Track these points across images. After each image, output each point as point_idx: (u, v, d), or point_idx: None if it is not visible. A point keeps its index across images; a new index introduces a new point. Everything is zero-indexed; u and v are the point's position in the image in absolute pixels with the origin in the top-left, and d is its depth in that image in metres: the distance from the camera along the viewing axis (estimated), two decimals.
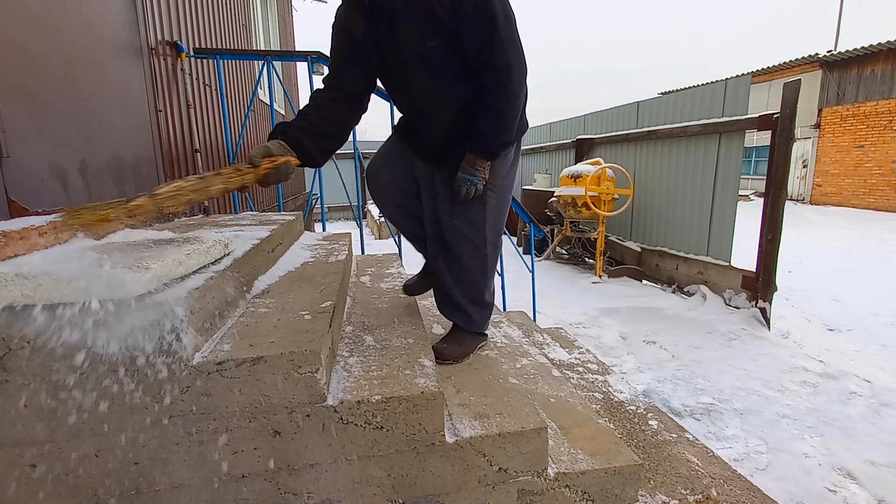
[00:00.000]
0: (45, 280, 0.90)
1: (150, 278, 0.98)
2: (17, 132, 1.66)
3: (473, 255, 1.52)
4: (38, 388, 0.95)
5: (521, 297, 4.43)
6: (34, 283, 0.90)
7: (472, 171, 1.40)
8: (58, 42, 1.95)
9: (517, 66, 1.29)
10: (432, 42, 1.27)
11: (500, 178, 1.49)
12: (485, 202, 1.48)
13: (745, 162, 16.12)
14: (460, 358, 1.62)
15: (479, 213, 1.49)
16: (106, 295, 0.93)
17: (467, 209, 1.48)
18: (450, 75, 1.35)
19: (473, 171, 1.40)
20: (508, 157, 1.51)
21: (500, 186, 1.50)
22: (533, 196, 7.63)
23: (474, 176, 1.40)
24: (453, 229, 1.50)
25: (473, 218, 1.49)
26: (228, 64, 4.55)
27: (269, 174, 1.21)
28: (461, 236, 1.50)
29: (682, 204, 5.52)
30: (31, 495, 1.00)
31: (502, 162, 1.48)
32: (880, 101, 12.19)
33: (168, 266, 1.05)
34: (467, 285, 1.58)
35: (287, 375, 1.05)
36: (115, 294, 0.93)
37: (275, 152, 1.24)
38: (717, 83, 5.06)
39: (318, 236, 2.55)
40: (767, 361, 3.46)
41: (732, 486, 1.59)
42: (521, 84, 1.33)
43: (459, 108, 1.40)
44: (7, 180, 1.61)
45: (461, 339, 1.67)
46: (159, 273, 1.01)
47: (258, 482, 1.09)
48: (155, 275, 0.99)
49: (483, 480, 1.23)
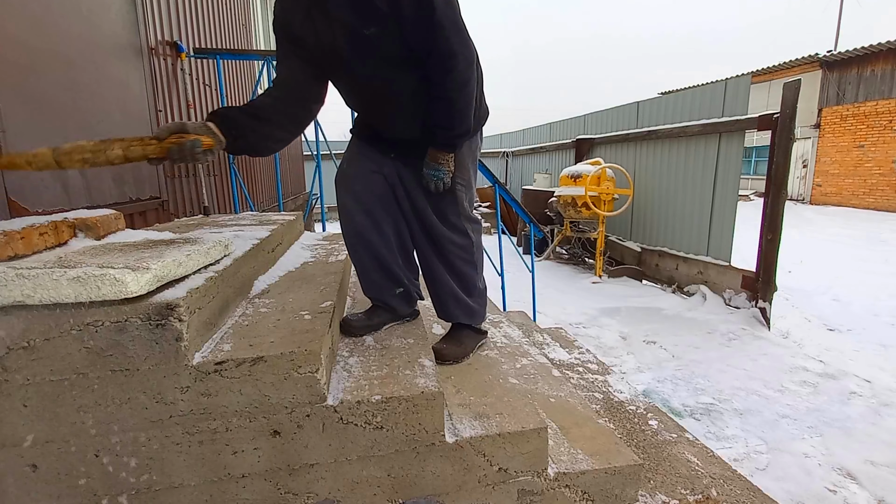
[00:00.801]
0: (46, 279, 0.90)
1: (150, 279, 0.98)
2: (17, 132, 1.66)
3: (458, 246, 1.53)
4: (38, 387, 0.95)
5: (521, 297, 4.42)
6: (34, 283, 0.90)
7: (436, 166, 1.38)
8: (58, 42, 1.95)
9: (462, 51, 1.26)
10: (370, 30, 1.23)
11: (466, 170, 1.49)
12: (455, 194, 1.48)
13: (745, 162, 16.12)
14: (460, 358, 1.61)
15: (452, 206, 1.49)
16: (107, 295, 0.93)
17: (441, 205, 1.48)
18: (393, 64, 1.30)
19: (437, 164, 1.38)
20: (472, 147, 1.50)
21: (467, 179, 1.50)
22: (533, 196, 7.63)
23: (439, 170, 1.38)
24: (433, 226, 1.49)
25: (448, 212, 1.49)
26: (228, 64, 4.55)
27: (172, 150, 1.13)
28: (442, 233, 1.50)
29: (682, 204, 5.52)
30: (31, 495, 1.00)
31: (466, 153, 1.47)
32: (880, 101, 12.18)
33: (168, 266, 1.05)
34: (459, 277, 1.58)
35: (287, 375, 1.05)
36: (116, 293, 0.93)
37: (189, 130, 1.15)
38: (717, 83, 5.07)
39: (318, 236, 2.55)
40: (767, 361, 3.46)
41: (732, 486, 1.59)
42: (470, 69, 1.29)
43: (409, 99, 1.35)
44: (7, 180, 1.61)
45: (461, 339, 1.66)
46: (159, 273, 1.01)
47: (258, 482, 1.09)
48: (155, 275, 0.99)
49: (483, 480, 1.23)
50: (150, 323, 0.96)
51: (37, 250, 1.08)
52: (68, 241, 1.20)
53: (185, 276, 1.12)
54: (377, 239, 1.51)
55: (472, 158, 1.52)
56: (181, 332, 0.97)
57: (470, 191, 1.54)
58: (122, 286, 0.93)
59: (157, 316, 0.96)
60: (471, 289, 1.62)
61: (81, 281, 0.91)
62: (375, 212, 1.49)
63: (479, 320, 1.69)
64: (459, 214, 1.51)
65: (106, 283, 0.92)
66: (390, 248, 1.54)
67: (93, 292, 0.92)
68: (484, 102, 1.48)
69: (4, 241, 0.99)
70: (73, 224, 1.24)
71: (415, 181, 1.46)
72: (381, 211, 1.49)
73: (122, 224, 1.45)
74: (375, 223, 1.49)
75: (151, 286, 0.99)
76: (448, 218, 1.49)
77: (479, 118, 1.46)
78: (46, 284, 0.90)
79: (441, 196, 1.45)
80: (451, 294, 1.59)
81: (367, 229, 1.50)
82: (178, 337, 0.97)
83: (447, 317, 1.66)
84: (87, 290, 0.92)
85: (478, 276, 1.63)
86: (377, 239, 1.51)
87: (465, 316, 1.64)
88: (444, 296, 1.61)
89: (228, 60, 4.38)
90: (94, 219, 1.31)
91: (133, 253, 1.12)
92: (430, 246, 1.54)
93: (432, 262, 1.57)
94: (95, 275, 0.92)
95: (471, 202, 1.57)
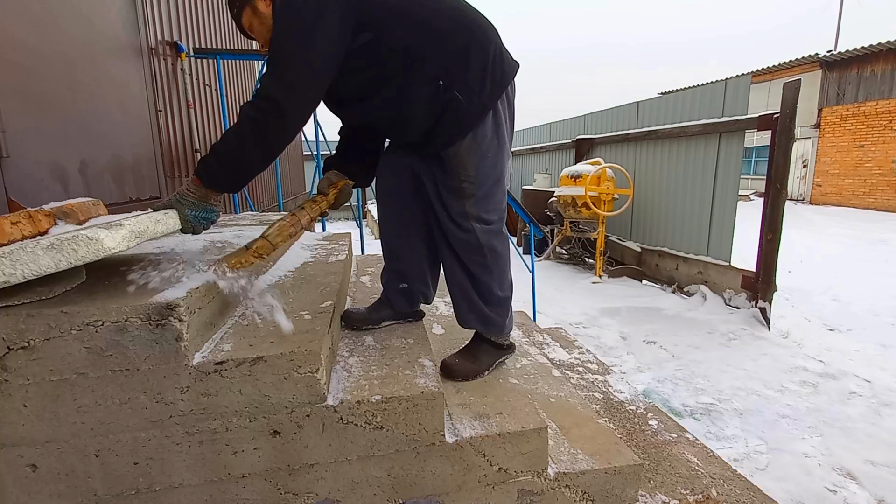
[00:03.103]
0: (21, 254, 0.89)
1: (126, 234, 0.97)
2: (17, 132, 1.66)
3: (466, 246, 1.41)
4: (38, 387, 0.95)
5: (521, 297, 4.41)
6: (12, 260, 0.88)
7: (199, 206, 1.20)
8: (58, 42, 1.95)
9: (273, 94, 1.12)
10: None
11: (471, 166, 1.33)
12: (462, 191, 1.35)
13: (745, 162, 16.12)
14: (472, 375, 1.48)
15: (457, 204, 1.37)
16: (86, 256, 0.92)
17: (448, 203, 1.38)
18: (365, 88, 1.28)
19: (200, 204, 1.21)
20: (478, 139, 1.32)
21: (476, 175, 1.34)
22: (533, 196, 7.62)
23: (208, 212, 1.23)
24: (442, 222, 1.42)
25: (453, 210, 1.38)
26: (228, 64, 4.55)
27: (338, 197, 1.45)
28: (449, 230, 1.41)
29: (682, 204, 5.52)
30: (31, 495, 1.00)
31: (470, 149, 1.31)
32: (880, 101, 12.18)
33: (144, 222, 1.03)
34: (473, 280, 1.45)
35: (287, 375, 1.05)
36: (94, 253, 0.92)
37: (335, 180, 1.44)
38: (717, 83, 5.06)
39: (318, 236, 2.55)
40: (767, 361, 3.46)
41: (732, 486, 1.59)
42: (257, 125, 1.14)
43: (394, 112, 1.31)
44: (7, 180, 1.61)
45: (476, 354, 1.52)
46: (135, 229, 1.00)
47: (258, 482, 1.09)
48: (131, 230, 0.98)
49: (483, 480, 1.23)
50: (150, 323, 0.96)
51: (13, 239, 1.03)
52: (48, 230, 1.14)
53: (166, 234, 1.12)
54: (388, 231, 1.57)
55: (480, 153, 1.32)
56: (181, 332, 0.97)
57: (481, 188, 1.36)
58: (97, 244, 0.92)
59: (157, 316, 0.96)
60: (486, 295, 1.46)
61: (56, 247, 0.90)
62: (390, 205, 1.55)
63: (497, 332, 1.51)
64: (466, 214, 1.37)
65: (81, 244, 0.91)
66: (404, 242, 1.55)
67: (71, 256, 0.91)
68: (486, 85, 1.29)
69: None
70: (51, 213, 1.19)
71: (430, 177, 1.40)
72: (394, 206, 1.54)
73: (102, 210, 1.42)
74: (388, 216, 1.56)
75: (130, 242, 0.98)
76: (452, 216, 1.39)
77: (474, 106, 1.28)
78: (24, 259, 0.89)
79: (448, 192, 1.37)
80: (463, 295, 1.48)
81: (383, 221, 1.58)
82: (178, 337, 0.97)
83: (460, 320, 1.54)
84: (65, 255, 0.91)
85: (494, 282, 1.46)
86: (388, 231, 1.57)
87: (478, 322, 1.50)
88: (455, 295, 1.51)
89: (228, 60, 4.38)
90: (71, 205, 1.27)
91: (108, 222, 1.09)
92: (444, 243, 1.47)
93: (445, 259, 1.49)
94: (68, 238, 0.91)
95: (486, 200, 1.38)
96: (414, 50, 1.22)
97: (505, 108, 1.37)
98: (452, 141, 1.31)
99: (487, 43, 1.28)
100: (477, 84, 1.27)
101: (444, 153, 1.33)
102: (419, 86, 1.25)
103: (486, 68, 1.28)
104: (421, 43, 1.23)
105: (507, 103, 1.38)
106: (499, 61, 1.31)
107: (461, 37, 1.25)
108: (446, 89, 1.25)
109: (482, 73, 1.27)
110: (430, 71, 1.24)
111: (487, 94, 1.29)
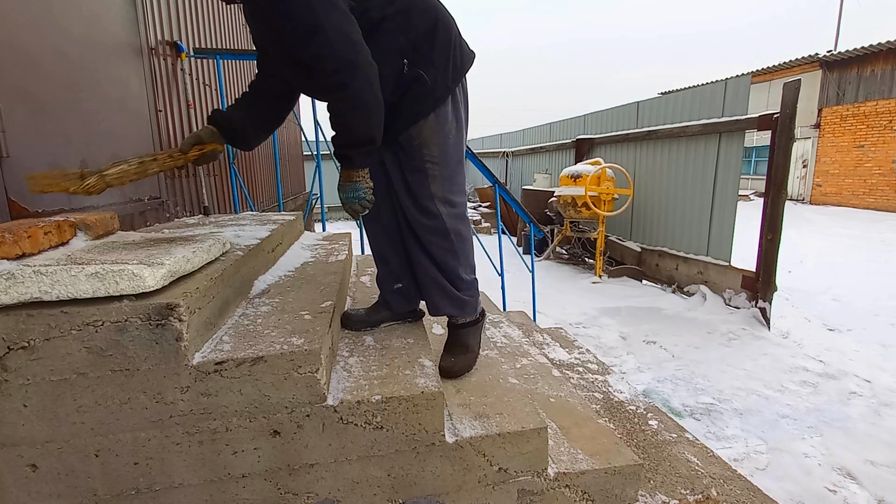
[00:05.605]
0: (63, 275, 0.92)
1: (165, 273, 1.01)
2: (17, 132, 1.66)
3: (431, 230, 1.40)
4: (38, 387, 0.95)
5: (521, 297, 4.42)
6: (52, 280, 0.92)
7: (344, 187, 1.27)
8: (58, 42, 1.95)
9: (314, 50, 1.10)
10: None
11: (435, 146, 1.33)
12: (425, 172, 1.35)
13: (745, 162, 16.12)
14: (473, 362, 1.53)
15: (422, 185, 1.36)
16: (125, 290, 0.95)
17: (413, 185, 1.37)
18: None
19: (344, 185, 1.27)
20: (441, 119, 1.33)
21: (439, 156, 1.35)
22: (533, 196, 7.63)
23: (347, 191, 1.27)
24: (407, 209, 1.40)
25: (418, 192, 1.37)
26: (228, 64, 4.55)
27: (198, 159, 1.41)
28: (414, 217, 1.40)
29: (682, 204, 5.52)
30: (31, 495, 1.00)
31: (433, 127, 1.32)
32: (880, 101, 12.18)
33: (179, 262, 1.08)
34: (440, 267, 1.45)
35: (287, 375, 1.05)
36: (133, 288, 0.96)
37: (205, 139, 1.39)
38: (717, 83, 5.07)
39: (318, 236, 2.55)
40: (767, 361, 3.46)
41: (732, 486, 1.59)
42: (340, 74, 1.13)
43: None
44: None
45: (464, 342, 1.54)
46: (173, 269, 1.05)
47: (258, 482, 1.09)
48: (169, 270, 1.03)
49: (483, 480, 1.23)
50: (150, 323, 0.96)
51: (42, 249, 1.10)
52: (70, 241, 1.21)
53: (192, 272, 1.15)
54: (372, 234, 1.56)
55: (443, 133, 1.33)
56: (181, 332, 0.97)
57: (445, 168, 1.37)
58: (139, 281, 0.96)
59: (157, 316, 0.96)
60: (455, 281, 1.47)
61: (100, 277, 0.94)
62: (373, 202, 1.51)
63: (472, 311, 1.53)
64: (432, 196, 1.37)
65: (124, 278, 0.95)
66: (387, 243, 1.53)
67: (111, 287, 0.95)
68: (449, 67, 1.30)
69: (12, 240, 1.01)
70: (74, 224, 1.25)
71: (393, 163, 1.39)
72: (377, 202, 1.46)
73: (117, 224, 1.50)
74: (370, 219, 1.51)
75: (166, 281, 1.02)
76: (418, 199, 1.37)
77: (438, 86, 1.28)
78: (64, 280, 0.92)
79: (412, 175, 1.36)
80: (435, 283, 1.46)
81: (367, 225, 1.55)
82: (178, 337, 0.97)
83: (434, 310, 1.51)
84: (106, 285, 0.94)
85: (461, 266, 1.46)
86: (372, 234, 1.56)
87: (453, 308, 1.50)
88: (427, 284, 1.48)
89: (228, 60, 4.38)
90: (94, 218, 1.35)
91: (140, 250, 1.14)
92: (408, 230, 1.45)
93: (411, 247, 1.47)
94: (114, 270, 0.95)
95: (450, 181, 1.40)
96: (387, 21, 1.24)
97: (461, 96, 1.39)
98: (415, 120, 1.31)
99: (451, 26, 1.32)
100: (441, 64, 1.29)
101: (407, 134, 1.32)
102: (387, 56, 1.24)
103: (450, 50, 1.30)
104: (393, 14, 1.24)
105: (463, 92, 1.40)
106: (458, 47, 1.34)
107: (430, 15, 1.28)
108: (411, 66, 1.27)
109: (446, 53, 1.30)
110: (398, 44, 1.25)
111: (450, 76, 1.32)
